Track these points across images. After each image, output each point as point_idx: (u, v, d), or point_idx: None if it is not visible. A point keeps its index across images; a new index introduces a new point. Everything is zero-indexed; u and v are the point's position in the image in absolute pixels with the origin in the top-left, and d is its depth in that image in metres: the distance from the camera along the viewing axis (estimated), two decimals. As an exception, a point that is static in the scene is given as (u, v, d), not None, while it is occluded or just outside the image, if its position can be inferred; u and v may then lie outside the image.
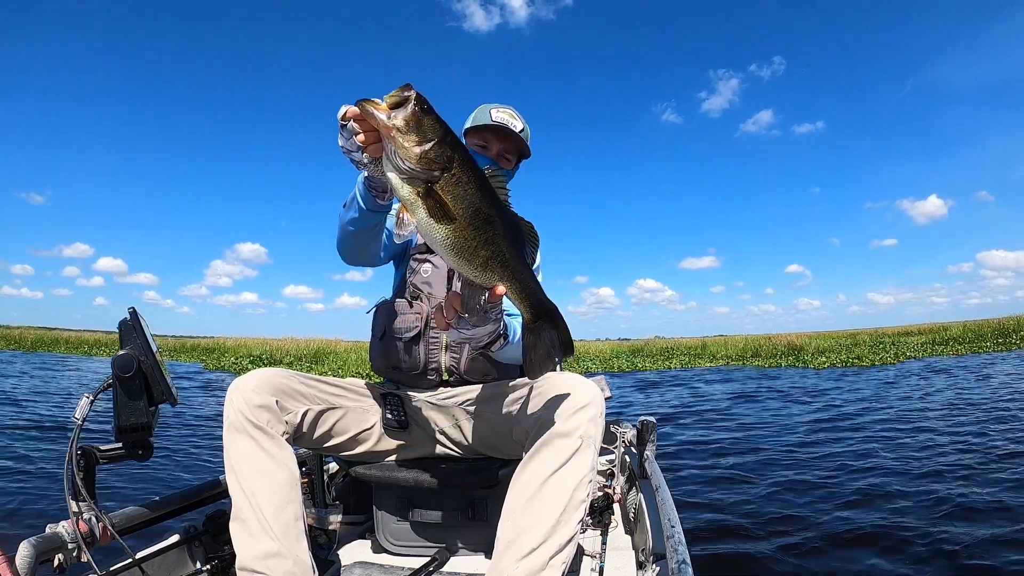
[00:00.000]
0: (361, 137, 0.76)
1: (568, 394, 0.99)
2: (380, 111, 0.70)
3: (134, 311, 1.03)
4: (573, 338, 0.89)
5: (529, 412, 1.04)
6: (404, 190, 0.73)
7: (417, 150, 0.71)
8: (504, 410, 1.14)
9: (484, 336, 1.01)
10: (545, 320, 0.86)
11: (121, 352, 1.00)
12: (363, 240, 1.07)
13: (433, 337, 1.23)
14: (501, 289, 0.81)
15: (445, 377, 1.23)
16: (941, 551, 2.11)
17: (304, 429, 1.09)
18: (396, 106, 0.70)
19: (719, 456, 3.95)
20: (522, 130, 1.32)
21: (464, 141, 1.26)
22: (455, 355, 1.24)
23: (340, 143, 0.80)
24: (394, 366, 1.24)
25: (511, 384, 1.17)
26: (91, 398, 1.00)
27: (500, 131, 1.31)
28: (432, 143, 0.71)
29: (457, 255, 0.76)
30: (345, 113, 0.77)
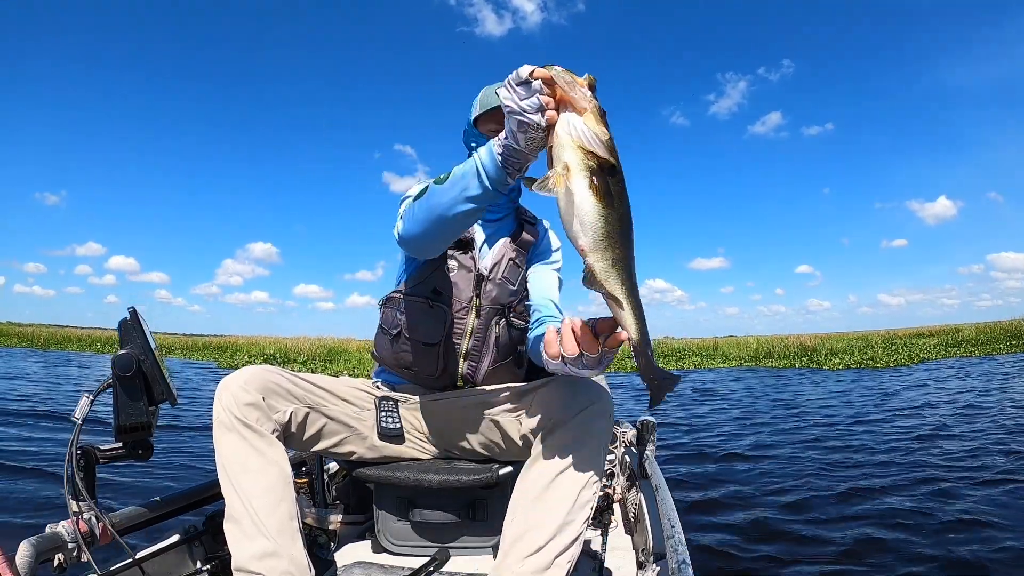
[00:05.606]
0: (548, 99, 0.74)
1: (578, 394, 0.98)
2: (581, 84, 0.72)
3: (134, 311, 1.03)
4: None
5: (538, 413, 1.03)
6: (576, 156, 0.72)
7: (609, 134, 0.73)
8: (511, 412, 1.12)
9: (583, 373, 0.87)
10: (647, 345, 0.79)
11: (121, 352, 1.00)
12: (465, 223, 0.93)
13: (455, 343, 1.19)
14: (624, 335, 0.76)
15: (459, 384, 1.22)
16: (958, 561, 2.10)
17: (293, 429, 1.07)
18: (592, 87, 0.73)
19: (720, 456, 3.95)
20: None
21: (473, 130, 1.24)
22: (473, 364, 1.21)
23: (511, 100, 0.75)
24: (406, 367, 1.22)
25: (518, 386, 1.16)
26: (91, 398, 0.99)
27: None
28: (612, 137, 0.74)
29: (604, 238, 0.73)
30: (533, 71, 0.74)
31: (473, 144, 1.25)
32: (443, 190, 0.90)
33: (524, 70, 0.74)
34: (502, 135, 0.81)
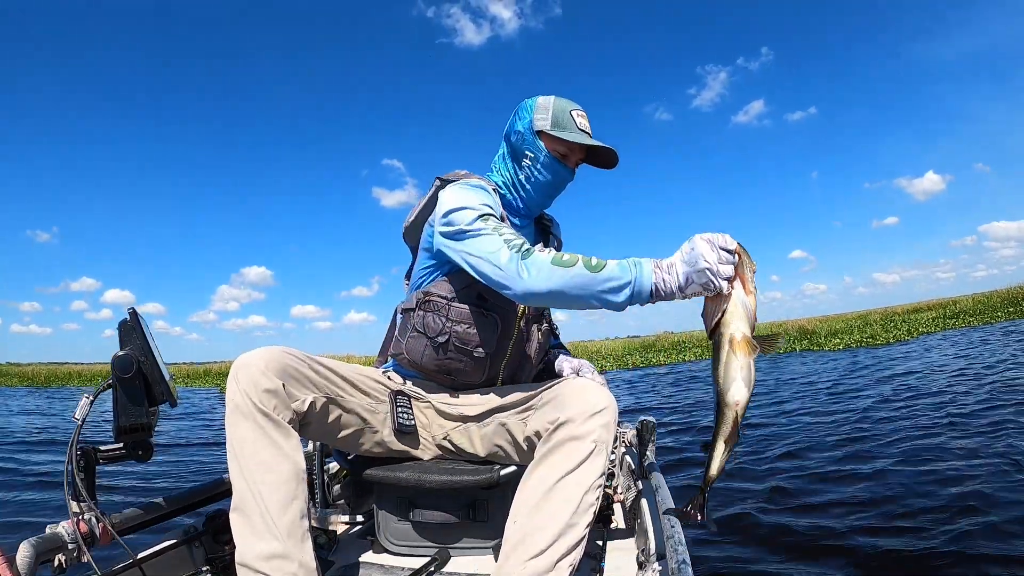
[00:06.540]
0: (733, 273, 0.90)
1: (583, 399, 0.98)
2: (753, 268, 0.93)
3: (133, 311, 1.03)
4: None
5: (543, 415, 1.03)
6: (748, 329, 0.92)
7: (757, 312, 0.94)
8: (518, 414, 1.12)
9: None
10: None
11: (121, 352, 1.00)
12: (584, 308, 1.02)
13: (503, 350, 1.22)
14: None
15: (499, 385, 1.25)
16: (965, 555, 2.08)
17: (309, 419, 1.03)
18: (754, 273, 0.94)
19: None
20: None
21: (536, 141, 1.22)
22: (515, 369, 1.26)
23: (712, 260, 0.90)
24: (447, 373, 1.22)
25: (525, 388, 1.16)
26: (91, 398, 1.00)
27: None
28: None
29: (749, 398, 0.92)
30: (737, 246, 0.91)
31: (528, 152, 1.23)
32: (591, 279, 0.96)
33: (731, 242, 0.90)
34: (664, 268, 0.94)
